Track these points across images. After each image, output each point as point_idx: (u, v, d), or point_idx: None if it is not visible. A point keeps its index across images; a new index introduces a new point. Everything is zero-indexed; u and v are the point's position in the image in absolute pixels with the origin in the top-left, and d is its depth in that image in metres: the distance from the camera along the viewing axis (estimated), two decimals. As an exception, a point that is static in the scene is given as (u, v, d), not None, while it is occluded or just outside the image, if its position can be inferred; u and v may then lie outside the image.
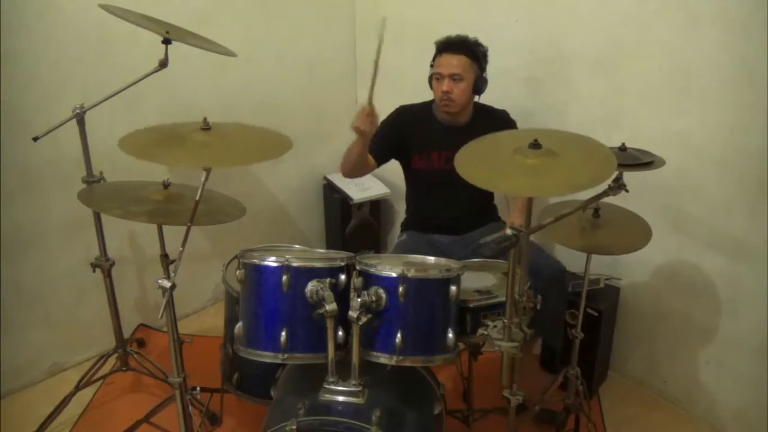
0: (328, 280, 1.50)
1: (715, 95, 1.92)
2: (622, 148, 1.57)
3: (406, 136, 2.17)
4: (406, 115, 2.20)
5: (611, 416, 2.21)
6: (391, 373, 1.58)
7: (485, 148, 1.55)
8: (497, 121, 2.14)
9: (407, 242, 2.20)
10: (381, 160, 2.16)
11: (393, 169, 2.30)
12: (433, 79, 2.08)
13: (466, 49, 2.03)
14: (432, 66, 2.10)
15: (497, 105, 2.22)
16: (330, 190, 3.09)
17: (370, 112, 1.85)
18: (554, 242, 1.78)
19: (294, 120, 2.91)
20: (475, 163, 1.48)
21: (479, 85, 2.08)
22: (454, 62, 2.02)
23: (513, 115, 2.21)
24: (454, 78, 2.02)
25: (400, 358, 1.51)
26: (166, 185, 1.79)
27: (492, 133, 1.63)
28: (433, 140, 2.13)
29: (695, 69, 1.95)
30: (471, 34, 2.08)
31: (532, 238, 1.46)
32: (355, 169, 2.09)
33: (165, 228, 1.97)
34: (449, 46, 2.04)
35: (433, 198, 2.21)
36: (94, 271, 2.11)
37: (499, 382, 1.50)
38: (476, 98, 2.16)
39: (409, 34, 2.82)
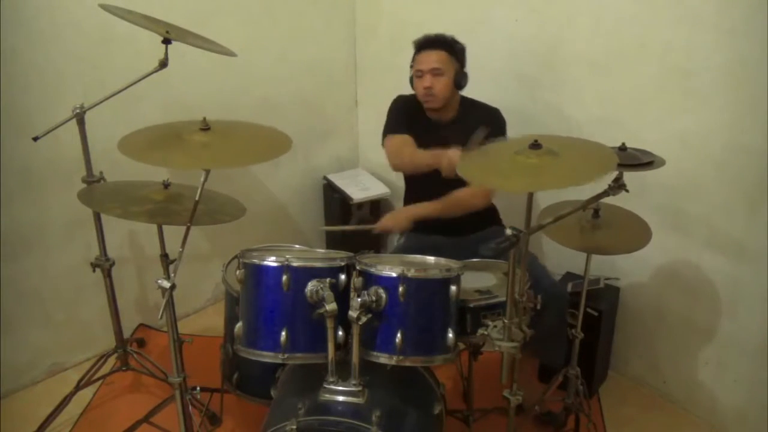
0: (328, 280, 1.50)
1: (714, 95, 1.92)
2: (622, 148, 1.57)
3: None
4: (403, 104, 2.22)
5: (611, 416, 2.21)
6: (391, 373, 1.58)
7: (485, 149, 1.55)
8: (484, 115, 2.12)
9: (405, 244, 2.20)
10: None
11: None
12: (414, 77, 2.09)
13: (444, 45, 2.05)
14: (412, 66, 2.11)
15: (497, 105, 2.21)
16: (330, 190, 3.09)
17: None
18: (554, 242, 1.78)
19: (294, 120, 2.91)
20: (475, 162, 1.49)
21: (459, 79, 2.08)
22: (434, 57, 2.03)
23: (513, 116, 2.18)
24: (434, 73, 2.03)
25: (400, 358, 1.51)
26: (166, 185, 1.79)
27: (479, 127, 1.63)
28: (423, 137, 2.13)
29: (695, 69, 1.94)
30: (471, 35, 2.08)
31: (532, 243, 1.46)
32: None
33: (165, 228, 1.96)
34: (427, 43, 2.06)
35: (428, 195, 2.20)
36: (94, 271, 2.11)
37: (499, 382, 1.51)
38: (460, 93, 2.15)
39: (409, 34, 2.81)
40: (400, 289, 1.48)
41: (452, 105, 2.14)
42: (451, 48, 2.06)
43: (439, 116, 2.14)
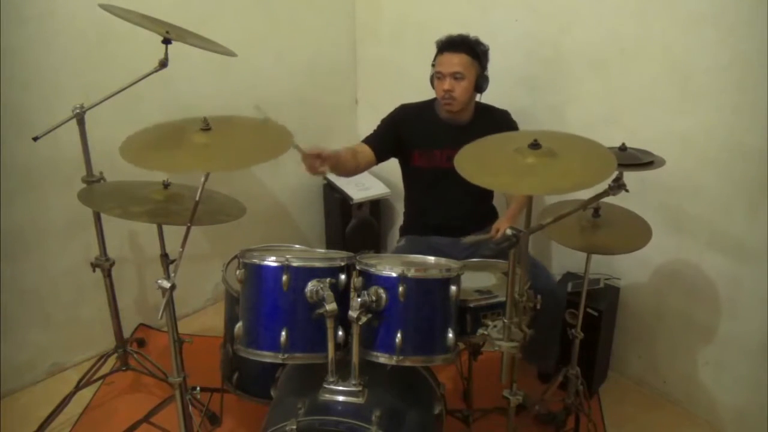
0: (328, 280, 1.50)
1: (715, 95, 1.92)
2: (622, 148, 1.57)
3: (406, 134, 2.17)
4: (407, 113, 2.20)
5: (611, 416, 2.21)
6: (391, 373, 1.58)
7: (485, 147, 1.55)
8: (498, 120, 2.15)
9: (405, 247, 2.20)
10: (380, 156, 2.15)
11: (393, 169, 2.30)
12: (435, 78, 2.09)
13: (467, 48, 2.04)
14: (433, 65, 2.10)
15: (497, 105, 2.22)
16: (330, 189, 3.09)
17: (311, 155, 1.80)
18: (554, 242, 1.78)
19: (294, 120, 2.89)
20: (474, 161, 1.48)
21: (480, 83, 2.08)
22: (455, 61, 2.02)
23: (513, 115, 2.21)
24: (455, 77, 2.03)
25: (400, 358, 1.51)
26: (166, 185, 1.79)
27: (493, 132, 1.63)
28: (435, 138, 2.14)
29: (695, 69, 1.95)
30: (471, 34, 2.08)
31: (532, 243, 1.46)
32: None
33: (165, 228, 1.96)
34: (450, 45, 2.05)
35: (433, 197, 2.21)
36: (94, 271, 2.11)
37: (499, 382, 1.51)
38: (478, 97, 2.16)
39: (410, 34, 2.82)
40: (400, 289, 1.48)
41: (469, 108, 2.14)
42: (473, 51, 2.04)
43: (455, 118, 2.13)
